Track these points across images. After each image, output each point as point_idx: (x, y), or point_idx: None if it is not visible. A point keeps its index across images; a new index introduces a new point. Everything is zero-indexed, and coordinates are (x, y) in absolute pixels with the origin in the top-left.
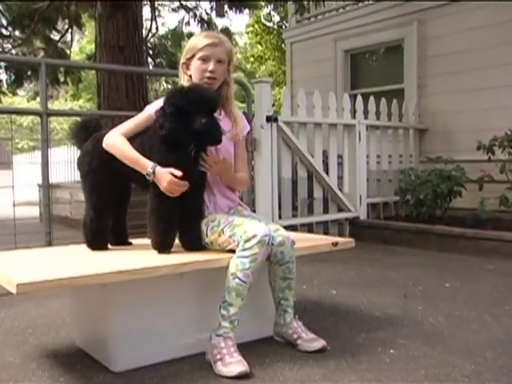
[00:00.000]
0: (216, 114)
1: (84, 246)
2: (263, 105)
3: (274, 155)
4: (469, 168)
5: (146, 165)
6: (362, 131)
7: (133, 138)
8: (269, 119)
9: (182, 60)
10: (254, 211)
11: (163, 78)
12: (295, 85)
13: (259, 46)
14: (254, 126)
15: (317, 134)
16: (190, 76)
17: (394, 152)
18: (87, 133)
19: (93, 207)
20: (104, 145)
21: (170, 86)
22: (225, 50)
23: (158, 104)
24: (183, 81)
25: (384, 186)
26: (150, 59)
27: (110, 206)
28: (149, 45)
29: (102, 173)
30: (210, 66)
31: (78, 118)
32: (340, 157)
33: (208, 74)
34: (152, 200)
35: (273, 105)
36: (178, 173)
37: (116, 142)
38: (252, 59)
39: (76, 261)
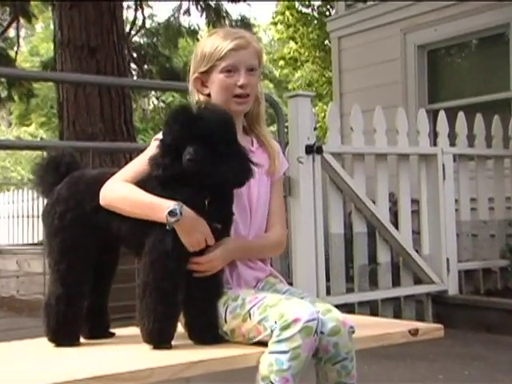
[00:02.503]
0: (247, 144)
1: (43, 341)
2: (301, 129)
3: (318, 202)
4: None
5: (164, 204)
6: (448, 164)
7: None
8: (309, 150)
9: (194, 74)
10: (291, 284)
11: (153, 93)
12: (346, 99)
13: (292, 43)
14: (288, 160)
15: (380, 169)
16: (209, 95)
17: (497, 194)
18: (58, 173)
19: (61, 281)
20: (104, 201)
21: (161, 104)
22: (255, 53)
23: None
24: (195, 100)
25: (483, 245)
26: (133, 65)
27: (86, 279)
28: (132, 44)
29: (78, 230)
30: (241, 79)
31: (31, 152)
32: (415, 202)
33: (239, 91)
34: (148, 267)
35: (314, 128)
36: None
37: (123, 191)
38: (282, 62)
39: (31, 365)
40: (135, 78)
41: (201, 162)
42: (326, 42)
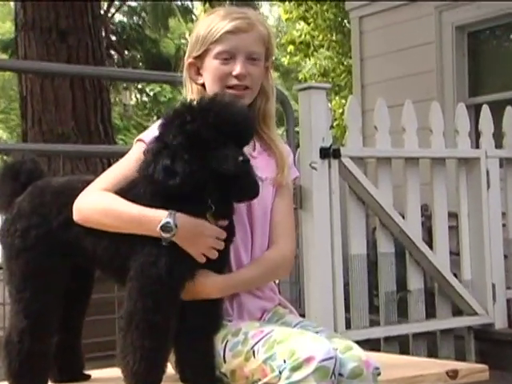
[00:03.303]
0: (247, 147)
1: None
2: (314, 128)
3: (335, 216)
4: None
5: (155, 215)
6: (493, 169)
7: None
8: (325, 153)
9: (188, 59)
10: (303, 315)
11: (137, 85)
12: (369, 91)
13: (303, 25)
14: (299, 165)
15: (410, 176)
16: (203, 85)
17: None
18: (17, 183)
19: (24, 312)
20: (80, 215)
21: (145, 99)
22: (260, 38)
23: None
24: (191, 93)
25: None
26: (113, 51)
27: (54, 310)
28: (111, 26)
29: (44, 251)
30: (237, 68)
31: None
32: (453, 216)
33: (234, 82)
34: (135, 295)
35: (331, 127)
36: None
37: (103, 201)
38: (291, 47)
39: None
40: (115, 66)
41: (248, 165)
42: (345, 22)
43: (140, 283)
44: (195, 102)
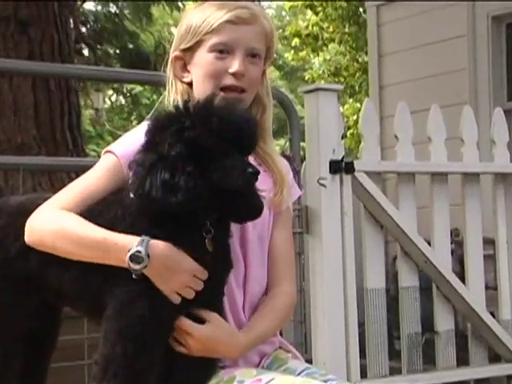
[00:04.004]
0: None
1: None
2: (323, 138)
3: (348, 242)
4: None
5: (127, 243)
6: None
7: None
8: (336, 167)
9: (174, 51)
10: (310, 361)
11: (111, 85)
12: (388, 94)
13: (310, 14)
14: (306, 182)
15: (438, 195)
16: (190, 84)
17: None
18: None
19: None
20: (32, 237)
21: (123, 100)
22: (262, 33)
23: (133, 140)
24: (174, 93)
25: None
26: (83, 45)
27: (12, 356)
28: (81, 16)
29: (0, 285)
30: (235, 64)
31: None
32: (489, 243)
33: (230, 81)
34: (113, 337)
35: (343, 137)
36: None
37: (56, 222)
38: (296, 41)
39: None
40: (85, 64)
41: (255, 178)
42: (360, 11)
43: (119, 324)
44: (192, 105)
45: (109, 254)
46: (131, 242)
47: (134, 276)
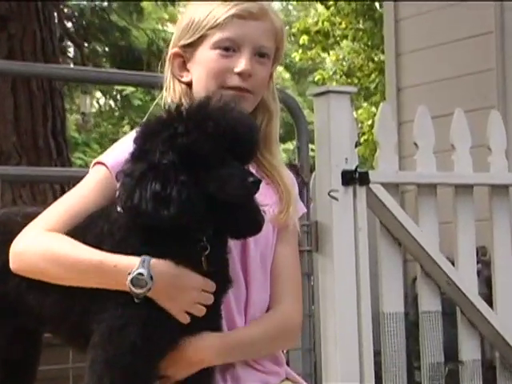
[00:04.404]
0: None
1: None
2: (335, 145)
3: (363, 261)
4: None
5: (126, 264)
6: None
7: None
8: (349, 178)
9: (173, 48)
10: None
11: (99, 87)
12: (407, 97)
13: (321, 8)
14: (315, 195)
15: (462, 209)
16: (189, 84)
17: None
18: None
19: None
20: (19, 263)
21: (112, 103)
22: (273, 30)
23: (124, 149)
24: (172, 94)
25: None
26: (68, 43)
27: None
28: (66, 10)
29: None
30: (242, 63)
31: None
32: None
33: (234, 82)
34: (100, 368)
35: (356, 144)
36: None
37: (48, 247)
38: (304, 38)
39: None
40: (71, 63)
41: (257, 188)
42: (376, 6)
43: (107, 352)
44: (184, 108)
45: (107, 277)
46: (131, 264)
47: (136, 300)
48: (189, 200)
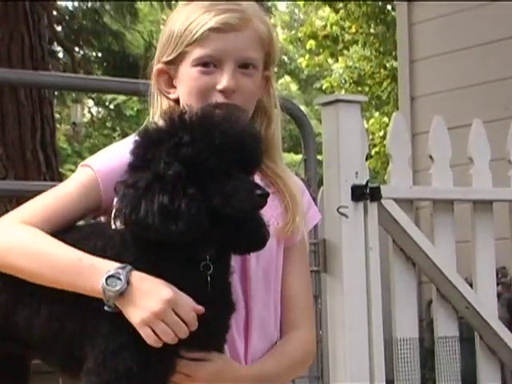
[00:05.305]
0: None
1: None
2: (344, 158)
3: (375, 283)
4: None
5: (105, 265)
6: None
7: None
8: (359, 194)
9: (158, 64)
10: None
11: (91, 95)
12: (421, 107)
13: (329, 12)
14: (323, 211)
15: (481, 226)
16: (177, 100)
17: None
18: None
19: None
20: None
21: (103, 112)
22: (257, 38)
23: (115, 154)
24: (158, 108)
25: None
26: (58, 48)
27: None
28: (56, 13)
29: None
30: (224, 80)
31: None
32: None
33: (219, 99)
34: None
35: (367, 156)
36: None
37: (23, 239)
38: (311, 44)
39: None
40: (61, 70)
41: (264, 202)
42: (388, 9)
43: (101, 379)
44: (188, 116)
45: (82, 277)
46: (110, 265)
47: (106, 308)
48: (198, 215)
